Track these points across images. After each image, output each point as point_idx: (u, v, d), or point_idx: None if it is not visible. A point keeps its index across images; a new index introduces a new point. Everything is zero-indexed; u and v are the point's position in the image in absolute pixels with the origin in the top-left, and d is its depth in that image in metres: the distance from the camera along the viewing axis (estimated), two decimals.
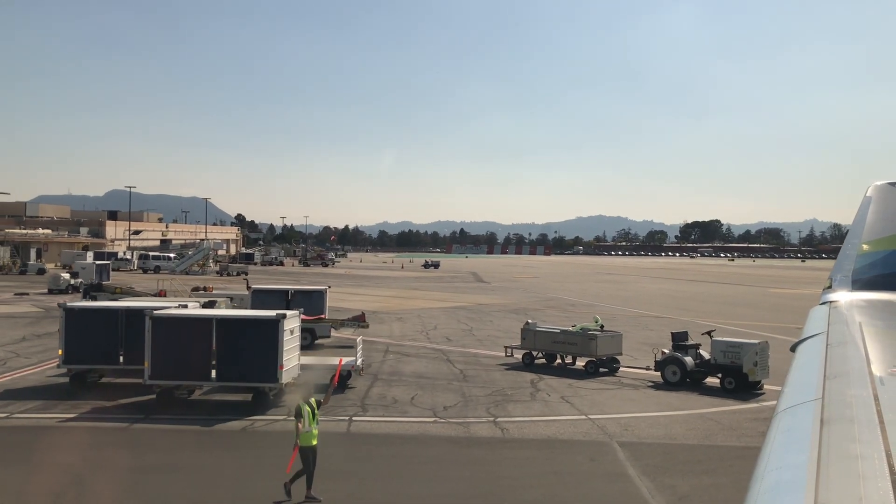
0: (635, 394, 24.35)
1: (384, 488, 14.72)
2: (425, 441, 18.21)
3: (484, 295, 70.28)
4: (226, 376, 21.05)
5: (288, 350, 21.21)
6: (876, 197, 6.84)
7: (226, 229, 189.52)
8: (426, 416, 20.60)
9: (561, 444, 18.11)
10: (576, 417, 20.71)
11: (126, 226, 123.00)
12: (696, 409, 22.12)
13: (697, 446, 18.11)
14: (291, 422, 19.46)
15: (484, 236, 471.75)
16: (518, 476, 15.51)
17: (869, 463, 2.26)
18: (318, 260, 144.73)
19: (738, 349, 24.84)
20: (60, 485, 14.43)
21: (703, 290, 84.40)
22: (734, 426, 19.97)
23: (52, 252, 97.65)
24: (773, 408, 12.13)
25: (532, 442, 18.23)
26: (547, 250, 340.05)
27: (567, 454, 17.30)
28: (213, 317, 21.55)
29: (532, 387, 25.04)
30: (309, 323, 34.53)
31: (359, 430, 19.09)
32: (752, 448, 17.84)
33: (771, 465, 2.47)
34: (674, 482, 15.21)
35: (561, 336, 29.25)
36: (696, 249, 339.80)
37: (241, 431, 18.81)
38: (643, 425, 19.96)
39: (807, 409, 2.92)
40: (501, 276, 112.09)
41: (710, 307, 60.46)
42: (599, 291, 78.17)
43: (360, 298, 63.08)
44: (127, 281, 65.26)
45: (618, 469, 16.13)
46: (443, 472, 15.92)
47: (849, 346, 3.88)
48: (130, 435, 18.43)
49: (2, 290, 62.53)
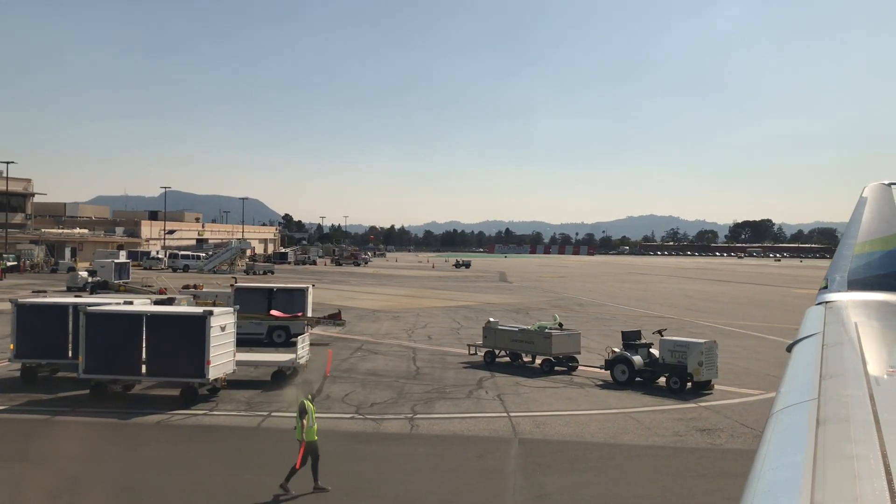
0: (576, 392, 24.20)
1: (242, 481, 14.91)
2: (324, 436, 18.37)
3: (497, 294, 70.19)
4: (155, 371, 21.54)
5: (217, 346, 21.57)
6: (871, 197, 6.88)
7: (264, 229, 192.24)
8: (348, 412, 20.78)
9: (461, 440, 18.14)
10: (496, 415, 20.68)
11: (161, 226, 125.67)
12: (627, 407, 21.90)
13: (597, 444, 17.98)
14: (205, 416, 20.10)
15: (529, 236, 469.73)
16: (392, 471, 15.60)
17: (865, 463, 2.27)
18: (350, 260, 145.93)
19: (685, 349, 24.51)
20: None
21: (724, 290, 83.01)
22: (652, 425, 19.73)
23: (87, 251, 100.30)
24: (709, 408, 12.35)
25: (432, 438, 18.28)
26: (591, 250, 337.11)
27: (459, 450, 17.33)
28: (143, 313, 22.04)
29: (476, 385, 25.04)
30: (284, 321, 35.10)
31: (271, 425, 19.36)
32: (654, 447, 17.76)
33: (767, 465, 2.48)
34: (546, 479, 15.14)
35: (519, 335, 29.19)
36: (744, 250, 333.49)
37: (154, 425, 19.23)
38: (558, 423, 19.86)
39: (803, 409, 2.96)
40: (528, 275, 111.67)
41: (721, 307, 59.54)
42: (617, 291, 77.39)
43: (371, 297, 63.55)
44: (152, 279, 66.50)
45: (498, 466, 16.11)
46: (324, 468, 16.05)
47: (845, 346, 3.90)
48: (44, 427, 18.98)
49: (25, 287, 64.44)
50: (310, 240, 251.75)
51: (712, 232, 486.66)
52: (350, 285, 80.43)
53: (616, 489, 14.72)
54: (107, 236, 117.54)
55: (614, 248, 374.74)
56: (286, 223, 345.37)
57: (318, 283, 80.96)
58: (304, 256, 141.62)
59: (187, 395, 21.28)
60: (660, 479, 15.39)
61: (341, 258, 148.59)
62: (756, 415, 21.02)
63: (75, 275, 63.15)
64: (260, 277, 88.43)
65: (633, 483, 15.07)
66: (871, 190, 7.07)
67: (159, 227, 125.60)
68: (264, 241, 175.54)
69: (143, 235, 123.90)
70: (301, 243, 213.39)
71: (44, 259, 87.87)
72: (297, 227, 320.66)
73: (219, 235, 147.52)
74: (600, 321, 47.54)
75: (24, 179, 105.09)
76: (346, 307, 53.74)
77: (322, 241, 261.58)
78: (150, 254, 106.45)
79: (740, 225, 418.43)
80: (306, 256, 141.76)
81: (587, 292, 75.26)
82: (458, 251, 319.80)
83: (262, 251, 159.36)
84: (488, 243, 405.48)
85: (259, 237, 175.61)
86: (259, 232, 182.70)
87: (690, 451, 17.51)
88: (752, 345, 36.80)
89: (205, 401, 21.53)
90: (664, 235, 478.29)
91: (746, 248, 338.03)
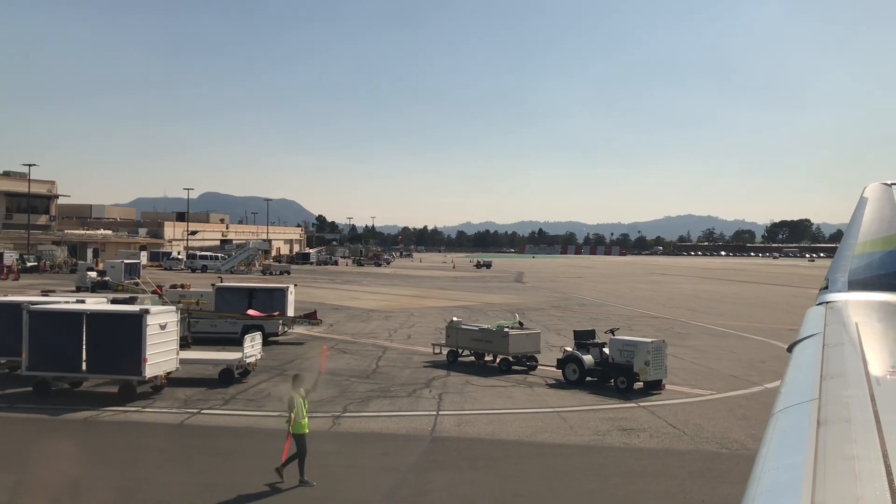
0: (521, 392, 24.10)
1: (133, 475, 15.15)
2: (238, 433, 18.62)
3: (502, 295, 70.03)
4: (95, 368, 21.95)
5: (155, 345, 21.89)
6: (872, 197, 6.91)
7: (289, 230, 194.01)
8: (279, 409, 20.91)
9: (373, 437, 18.19)
10: (424, 413, 20.68)
11: (184, 227, 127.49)
12: (563, 407, 21.79)
13: (509, 442, 17.91)
14: (135, 413, 20.42)
15: (562, 236, 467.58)
16: (288, 468, 15.70)
17: (866, 463, 2.28)
18: (372, 260, 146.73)
19: (633, 348, 24.31)
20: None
21: (738, 290, 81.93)
22: (577, 424, 19.60)
23: (110, 252, 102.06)
24: (647, 408, 12.46)
25: (346, 436, 18.35)
26: (623, 251, 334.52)
27: (365, 448, 17.39)
28: (83, 311, 22.46)
29: (425, 384, 25.03)
30: (259, 320, 35.43)
31: (196, 422, 19.58)
32: (566, 446, 17.68)
33: (768, 465, 2.51)
34: (436, 477, 15.18)
35: (479, 334, 29.15)
36: (780, 250, 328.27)
37: (80, 421, 19.57)
38: (481, 422, 19.82)
39: (803, 409, 2.95)
40: (546, 276, 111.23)
41: (724, 308, 58.80)
42: (627, 292, 76.76)
43: (374, 297, 63.76)
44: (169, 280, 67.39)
45: (398, 463, 16.15)
46: (210, 463, 16.21)
47: (845, 346, 3.89)
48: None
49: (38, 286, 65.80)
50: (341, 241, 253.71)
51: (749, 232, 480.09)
52: (361, 285, 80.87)
53: (500, 487, 14.66)
54: (130, 237, 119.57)
55: (648, 249, 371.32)
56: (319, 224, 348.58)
57: (330, 284, 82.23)
58: (326, 257, 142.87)
59: (125, 392, 21.61)
60: (552, 477, 15.30)
61: (362, 259, 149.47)
62: (690, 416, 20.78)
63: (84, 275, 64.39)
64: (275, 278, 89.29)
65: (521, 481, 14.99)
66: (871, 190, 7.09)
67: (183, 227, 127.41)
68: (290, 241, 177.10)
69: (166, 236, 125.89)
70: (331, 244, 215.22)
71: (63, 260, 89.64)
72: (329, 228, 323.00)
73: (243, 236, 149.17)
74: (592, 321, 47.01)
75: (47, 181, 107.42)
76: (344, 307, 54.18)
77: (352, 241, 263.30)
78: (170, 254, 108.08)
79: (777, 225, 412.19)
80: (328, 257, 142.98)
81: (596, 292, 74.81)
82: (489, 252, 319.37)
83: (287, 251, 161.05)
84: (521, 244, 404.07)
85: (285, 238, 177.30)
86: (285, 233, 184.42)
87: (601, 450, 17.37)
88: (734, 345, 36.30)
89: (144, 398, 21.86)
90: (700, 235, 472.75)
91: (782, 249, 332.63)
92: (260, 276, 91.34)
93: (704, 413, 21.26)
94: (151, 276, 76.73)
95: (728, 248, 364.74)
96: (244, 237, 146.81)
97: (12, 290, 58.03)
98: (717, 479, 15.37)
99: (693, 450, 17.46)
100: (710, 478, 15.43)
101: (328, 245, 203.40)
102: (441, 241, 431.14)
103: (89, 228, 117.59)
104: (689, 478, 15.47)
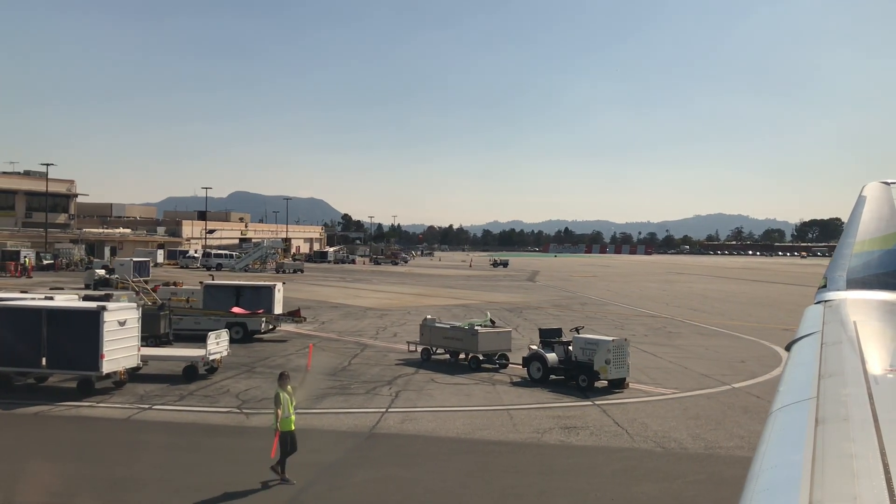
0: (481, 389, 24.07)
1: (50, 469, 15.39)
2: (179, 429, 18.76)
3: (507, 293, 69.86)
4: (54, 364, 22.30)
5: (114, 340, 22.18)
6: (870, 196, 6.95)
7: (310, 228, 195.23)
8: (229, 406, 21.11)
9: (310, 434, 17.90)
10: (373, 410, 20.72)
11: (203, 225, 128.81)
12: (516, 404, 21.80)
13: (444, 439, 17.97)
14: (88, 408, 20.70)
15: (589, 235, 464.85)
16: (199, 462, 15.91)
17: (863, 462, 2.29)
18: (389, 259, 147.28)
19: (594, 346, 24.20)
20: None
21: (748, 290, 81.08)
22: (522, 422, 19.55)
23: (127, 250, 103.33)
24: (602, 406, 12.69)
25: (263, 431, 18.48)
26: (648, 250, 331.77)
27: (299, 444, 17.46)
28: (42, 308, 22.83)
29: (388, 381, 25.06)
30: (242, 317, 35.70)
31: (143, 417, 19.81)
32: (501, 443, 17.65)
33: (766, 464, 2.52)
34: (356, 473, 15.26)
35: (450, 332, 29.17)
36: (809, 249, 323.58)
37: (32, 416, 19.90)
38: (426, 419, 19.87)
39: (801, 408, 2.97)
40: (560, 275, 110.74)
41: (727, 307, 58.22)
42: (635, 291, 76.18)
43: (376, 295, 63.94)
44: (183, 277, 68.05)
45: (323, 459, 16.18)
46: (132, 457, 16.37)
47: (844, 345, 3.91)
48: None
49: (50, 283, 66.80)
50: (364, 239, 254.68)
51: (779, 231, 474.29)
52: (369, 283, 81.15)
53: (415, 484, 14.69)
54: (148, 235, 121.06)
55: (674, 248, 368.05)
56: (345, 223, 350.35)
57: (340, 282, 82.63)
58: (344, 255, 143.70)
59: (83, 387, 21.95)
60: (472, 474, 15.30)
61: (379, 257, 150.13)
62: (641, 415, 20.65)
63: (92, 272, 65.33)
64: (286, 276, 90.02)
65: (439, 478, 15.01)
66: (870, 189, 7.08)
67: (201, 226, 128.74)
68: (310, 240, 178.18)
69: (184, 235, 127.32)
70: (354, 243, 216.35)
71: (80, 258, 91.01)
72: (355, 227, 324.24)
73: (262, 235, 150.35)
74: (588, 320, 46.85)
75: (66, 181, 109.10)
76: (343, 305, 54.43)
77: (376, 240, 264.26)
78: (187, 252, 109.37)
79: (807, 224, 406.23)
80: (345, 255, 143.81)
81: (604, 291, 74.39)
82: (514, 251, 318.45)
83: (307, 250, 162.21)
84: (546, 243, 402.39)
85: (305, 236, 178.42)
86: (305, 231, 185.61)
87: (534, 447, 17.33)
88: (721, 344, 35.96)
89: (103, 393, 22.17)
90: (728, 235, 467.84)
91: (811, 248, 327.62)
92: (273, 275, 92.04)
93: (656, 412, 21.10)
94: (165, 274, 77.67)
95: (756, 247, 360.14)
96: (263, 236, 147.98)
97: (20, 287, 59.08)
98: (638, 478, 15.27)
99: (627, 448, 17.35)
100: (632, 476, 15.33)
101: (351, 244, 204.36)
102: (466, 239, 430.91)
103: (109, 227, 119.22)
104: (609, 476, 15.40)
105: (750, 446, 17.61)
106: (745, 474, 2.40)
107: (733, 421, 20.15)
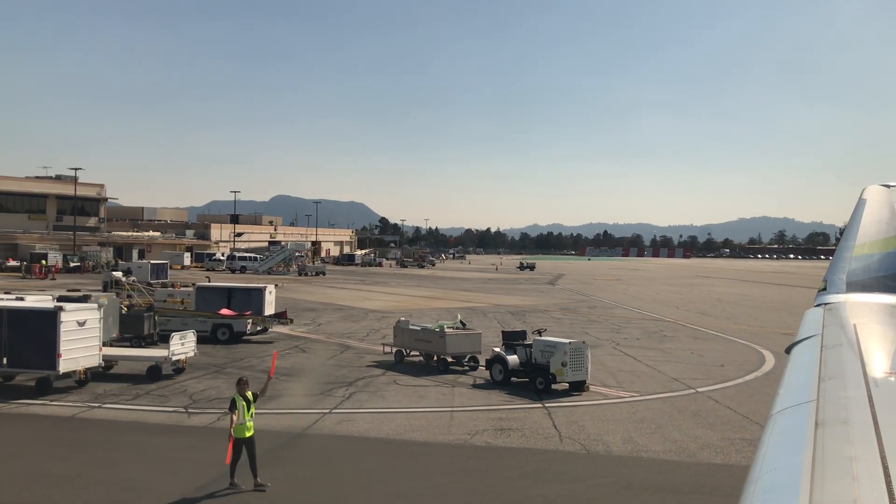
0: (438, 391, 24.10)
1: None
2: (117, 427, 19.11)
3: (521, 296, 69.67)
4: (13, 363, 22.85)
5: (73, 340, 22.65)
6: (870, 199, 6.98)
7: (339, 231, 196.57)
8: (180, 405, 21.41)
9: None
10: (316, 411, 20.84)
11: (231, 228, 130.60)
12: (463, 406, 21.83)
13: (370, 440, 18.05)
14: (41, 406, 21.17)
15: (628, 238, 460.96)
16: (119, 459, 16.14)
17: (864, 465, 2.29)
18: (415, 262, 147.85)
19: (552, 349, 24.09)
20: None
21: (766, 293, 79.93)
22: (459, 424, 19.55)
23: (155, 253, 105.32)
24: (550, 409, 13.59)
25: (209, 431, 18.66)
26: (687, 253, 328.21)
27: (219, 443, 17.55)
28: (2, 308, 23.40)
29: (349, 383, 25.15)
30: (228, 319, 36.15)
31: (88, 415, 20.21)
32: (429, 444, 17.70)
33: (766, 466, 2.52)
34: (262, 473, 15.34)
35: (421, 334, 29.24)
36: None
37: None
38: (364, 420, 19.96)
39: (802, 410, 2.97)
40: (584, 278, 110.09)
41: (737, 311, 57.54)
42: (652, 295, 75.45)
43: (385, 298, 64.22)
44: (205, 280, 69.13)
45: (219, 458, 16.38)
46: (59, 454, 16.75)
47: (844, 347, 3.90)
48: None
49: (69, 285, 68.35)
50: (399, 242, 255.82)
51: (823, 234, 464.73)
52: (386, 286, 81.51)
53: (315, 483, 14.82)
54: (176, 238, 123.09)
55: (714, 251, 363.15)
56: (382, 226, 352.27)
57: (356, 284, 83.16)
58: (371, 258, 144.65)
59: (41, 386, 22.45)
60: (376, 475, 15.38)
61: (406, 260, 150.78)
62: (583, 417, 20.52)
63: (108, 273, 66.52)
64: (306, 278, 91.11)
65: (335, 479, 15.09)
66: (870, 192, 7.05)
67: (230, 229, 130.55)
68: (339, 243, 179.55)
69: (212, 238, 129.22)
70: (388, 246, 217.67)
71: (107, 260, 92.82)
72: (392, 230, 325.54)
73: (291, 238, 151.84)
74: (591, 323, 46.76)
75: (96, 185, 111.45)
76: (347, 307, 54.78)
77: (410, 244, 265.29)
78: (213, 255, 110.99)
79: None
80: (372, 258, 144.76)
81: (619, 295, 73.79)
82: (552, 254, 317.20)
83: (336, 253, 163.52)
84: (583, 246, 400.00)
85: (335, 239, 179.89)
86: (335, 234, 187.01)
87: (456, 449, 17.33)
88: (710, 348, 35.47)
89: (63, 392, 22.66)
90: (772, 237, 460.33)
91: None
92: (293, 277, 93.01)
93: (602, 415, 20.93)
94: (189, 276, 78.97)
95: (799, 250, 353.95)
96: (292, 239, 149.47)
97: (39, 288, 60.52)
98: (545, 480, 15.17)
99: (549, 450, 17.26)
100: (539, 479, 15.23)
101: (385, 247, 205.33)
102: (504, 243, 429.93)
103: (140, 230, 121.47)
104: (516, 477, 15.33)
105: (680, 450, 17.48)
106: (658, 478, 2.39)
107: (675, 425, 19.89)
